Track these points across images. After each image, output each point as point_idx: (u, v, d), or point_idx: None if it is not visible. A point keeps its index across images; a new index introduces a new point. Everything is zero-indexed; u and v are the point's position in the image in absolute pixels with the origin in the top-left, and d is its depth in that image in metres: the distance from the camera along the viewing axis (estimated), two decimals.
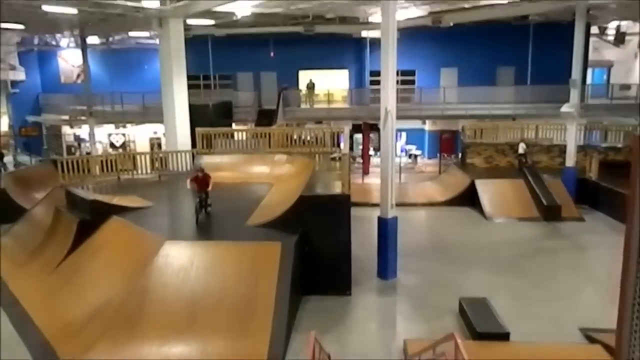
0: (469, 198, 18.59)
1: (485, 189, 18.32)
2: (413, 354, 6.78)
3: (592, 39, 27.13)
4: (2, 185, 17.19)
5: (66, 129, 31.27)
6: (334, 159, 16.92)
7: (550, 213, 16.80)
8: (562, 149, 19.71)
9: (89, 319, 8.87)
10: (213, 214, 11.86)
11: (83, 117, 27.79)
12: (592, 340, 8.73)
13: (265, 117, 24.83)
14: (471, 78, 26.34)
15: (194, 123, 18.15)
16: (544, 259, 13.50)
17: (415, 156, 29.20)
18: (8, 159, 28.94)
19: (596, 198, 17.95)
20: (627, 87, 26.21)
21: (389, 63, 11.13)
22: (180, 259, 9.72)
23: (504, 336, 8.69)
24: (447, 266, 12.91)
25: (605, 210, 17.25)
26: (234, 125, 24.90)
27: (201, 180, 11.77)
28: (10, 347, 8.81)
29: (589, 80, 27.70)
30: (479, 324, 9.05)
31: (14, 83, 32.25)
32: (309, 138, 18.51)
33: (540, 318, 9.84)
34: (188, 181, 11.94)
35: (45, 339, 8.89)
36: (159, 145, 29.01)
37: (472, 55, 27.08)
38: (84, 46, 27.44)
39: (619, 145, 20.80)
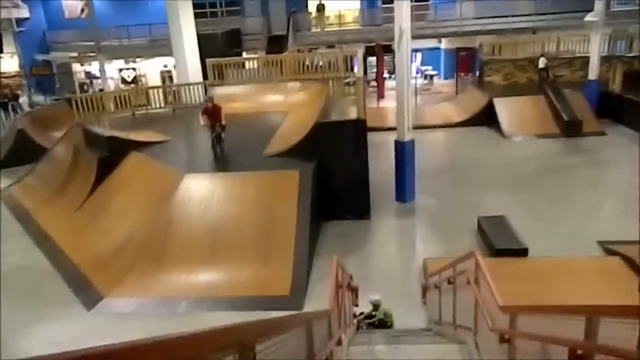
0: (487, 117, 18.25)
1: (504, 107, 17.93)
2: (433, 272, 6.95)
3: None
4: (21, 125, 17.39)
5: (76, 67, 30.91)
6: (347, 83, 16.57)
7: (570, 128, 16.48)
8: (585, 62, 18.91)
9: (117, 252, 9.25)
10: (230, 146, 11.87)
11: (92, 54, 27.32)
12: (610, 252, 8.82)
13: (276, 44, 24.10)
14: None
15: (203, 54, 17.75)
16: (563, 175, 13.40)
17: (432, 77, 28.42)
18: (23, 99, 29.07)
19: (619, 111, 17.47)
20: None
21: None
22: (200, 191, 9.89)
23: (522, 252, 8.84)
24: (465, 187, 12.93)
25: (628, 123, 16.83)
26: (244, 54, 24.31)
27: (212, 112, 11.15)
28: (47, 278, 9.31)
29: None
30: (498, 241, 9.18)
31: (19, 21, 31.55)
32: (321, 63, 18.06)
33: (559, 234, 9.91)
34: (200, 116, 11.36)
35: (81, 271, 9.34)
36: (170, 78, 28.65)
37: None
38: None
39: None
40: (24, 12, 31.76)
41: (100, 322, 7.90)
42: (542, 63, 19.32)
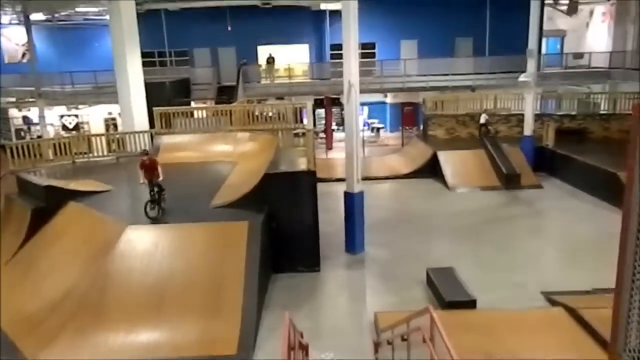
0: (432, 169, 18.85)
1: (448, 160, 18.60)
2: (385, 327, 6.82)
3: (546, 9, 27.55)
4: None
5: (14, 112, 29.64)
6: (297, 134, 16.71)
7: (510, 181, 17.23)
8: (520, 118, 20.11)
9: (50, 310, 8.54)
10: (177, 196, 11.50)
11: (31, 99, 26.37)
12: (554, 303, 9.04)
13: (225, 94, 24.20)
14: (431, 50, 26.38)
15: (150, 102, 17.47)
16: (505, 225, 13.88)
17: (378, 129, 29.29)
18: None
19: (553, 165, 18.52)
20: (579, 55, 26.88)
21: (351, 35, 10.96)
22: (144, 243, 9.44)
23: (471, 304, 8.90)
24: (413, 237, 13.09)
25: (561, 176, 17.84)
26: (192, 103, 24.20)
27: (148, 167, 10.11)
28: None
29: (544, 50, 28.27)
30: (447, 293, 9.22)
31: None
32: (270, 114, 18.21)
33: (505, 284, 10.14)
34: (139, 171, 10.30)
35: (5, 333, 8.52)
36: (115, 126, 27.96)
37: (431, 26, 27.07)
38: (27, 23, 25.85)
39: (573, 113, 21.44)
40: None
41: None
42: (483, 119, 20.36)
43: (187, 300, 8.61)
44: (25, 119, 29.71)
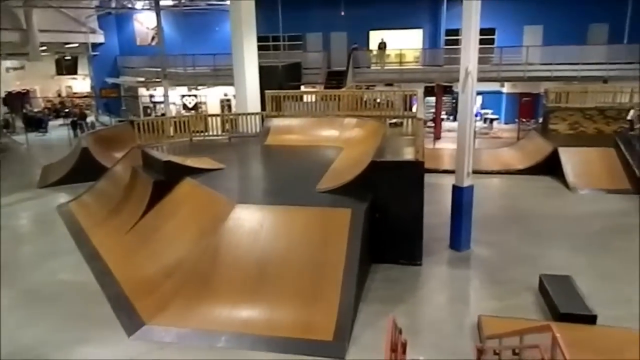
0: (550, 167, 17.37)
1: (570, 158, 17.01)
2: (491, 334, 6.36)
3: None
4: (85, 144, 18.11)
5: (142, 91, 32.37)
6: (394, 124, 16.30)
7: None
8: None
9: (163, 278, 9.16)
10: (283, 178, 11.73)
11: (158, 79, 28.56)
12: None
13: (335, 79, 24.31)
14: (558, 37, 24.21)
15: (263, 85, 18.04)
16: (634, 235, 12.36)
17: (492, 120, 27.67)
18: (90, 119, 30.59)
19: None
20: None
21: (472, 19, 10.26)
22: (250, 222, 9.74)
23: (591, 319, 8.03)
24: (525, 239, 12.15)
25: None
26: (303, 87, 24.63)
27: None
28: (93, 299, 9.34)
29: None
30: (562, 304, 8.41)
31: (94, 46, 33.64)
32: (379, 101, 17.92)
33: (630, 300, 9.00)
34: None
35: (125, 293, 9.32)
36: (229, 107, 29.39)
37: (560, 10, 24.82)
38: (157, 9, 27.89)
39: None
40: (100, 38, 33.79)
41: (139, 350, 7.76)
42: (631, 115, 18.37)
43: (287, 282, 8.74)
44: (152, 97, 32.30)
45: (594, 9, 24.40)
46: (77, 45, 33.18)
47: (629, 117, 18.41)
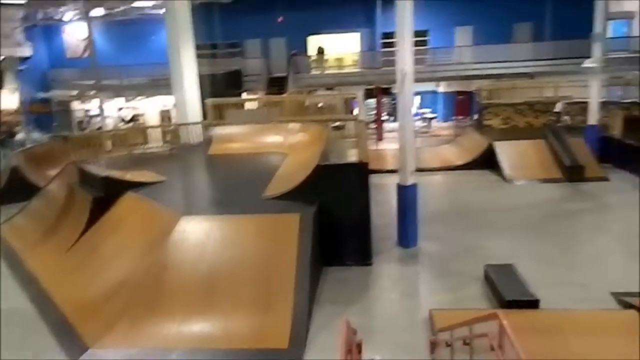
0: (487, 161, 18.14)
1: (505, 151, 17.83)
2: (443, 327, 6.51)
3: None
4: (15, 162, 17.11)
5: (75, 105, 30.99)
6: (336, 127, 16.52)
7: (573, 173, 16.31)
8: (583, 107, 18.98)
9: (108, 298, 8.76)
10: (228, 187, 11.57)
11: (92, 92, 27.44)
12: (625, 305, 8.41)
13: (276, 85, 24.28)
14: (487, 36, 25.38)
15: (203, 93, 17.74)
16: (569, 221, 13.11)
17: (430, 119, 28.54)
18: (20, 136, 28.93)
19: (620, 156, 17.36)
20: None
21: (406, 21, 10.54)
22: (196, 234, 9.50)
23: (534, 303, 8.40)
24: (469, 232, 12.58)
25: (630, 168, 16.69)
26: (244, 95, 24.43)
27: None
28: (29, 324, 8.79)
29: (609, 34, 26.55)
30: (507, 291, 8.74)
31: (21, 59, 31.84)
32: (321, 105, 18.06)
33: (569, 283, 9.52)
34: None
35: (65, 317, 8.83)
36: (169, 118, 28.67)
37: (487, 12, 25.99)
38: (88, 19, 26.82)
39: None
40: (27, 51, 32.03)
41: None
42: (558, 107, 19.42)
43: (239, 292, 8.59)
44: (86, 111, 30.97)
45: (518, 9, 25.71)
46: (1, 58, 31.29)
47: (556, 110, 19.50)
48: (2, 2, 23.23)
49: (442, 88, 29.20)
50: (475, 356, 4.54)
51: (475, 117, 23.69)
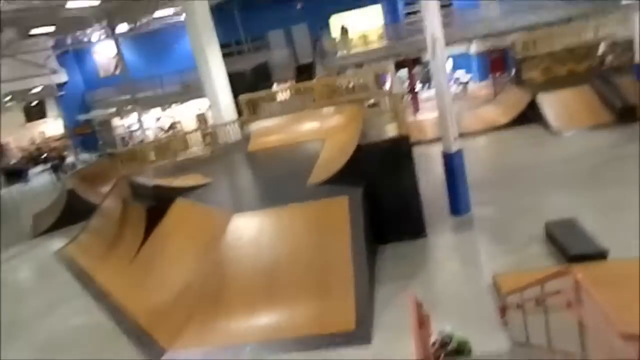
0: (532, 115, 17.48)
1: (549, 103, 17.14)
2: (511, 289, 6.37)
3: None
4: (70, 185, 17.87)
5: (116, 121, 31.99)
6: (371, 105, 16.26)
7: (625, 115, 15.49)
8: (628, 45, 17.91)
9: (175, 302, 9.09)
10: (274, 179, 11.67)
11: (129, 107, 28.25)
12: None
13: (304, 72, 24.21)
14: None
15: (234, 91, 17.88)
16: (627, 166, 12.44)
17: (465, 82, 27.73)
18: (70, 159, 30.21)
19: None
20: None
21: None
22: (250, 229, 9.69)
23: (602, 255, 8.11)
24: (522, 191, 12.21)
25: None
26: (274, 86, 24.48)
27: None
28: (107, 335, 9.24)
29: None
30: (571, 246, 8.49)
31: (59, 85, 33.10)
32: (352, 85, 17.85)
33: (637, 231, 9.08)
34: None
35: (140, 324, 9.22)
36: (206, 120, 29.15)
37: None
38: (115, 36, 27.51)
39: None
40: (62, 77, 33.23)
41: None
42: (601, 49, 18.47)
43: (299, 281, 8.71)
44: (127, 126, 31.90)
45: None
46: (41, 88, 32.66)
47: (599, 53, 18.53)
48: (32, 33, 24.10)
49: (474, 48, 28.27)
50: (550, 315, 4.41)
51: (513, 72, 22.83)
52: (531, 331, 5.34)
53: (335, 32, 27.05)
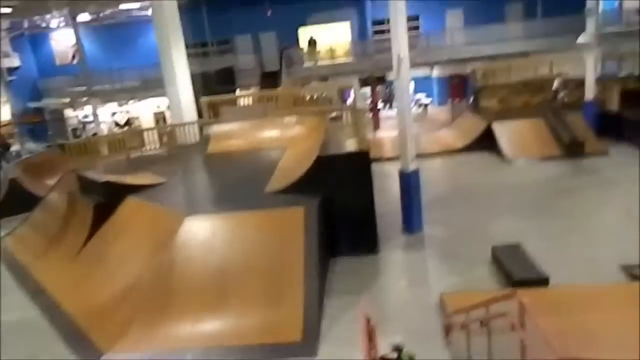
0: (486, 142, 18.13)
1: (503, 131, 17.81)
2: (458, 309, 6.50)
3: None
4: (13, 175, 17.00)
5: (69, 112, 30.77)
6: (333, 118, 16.42)
7: (573, 149, 16.30)
8: (580, 83, 18.92)
9: (118, 303, 8.74)
10: (230, 184, 11.50)
11: (84, 98, 27.25)
12: (635, 277, 8.42)
13: (269, 80, 24.14)
14: (478, 18, 25.21)
15: (197, 92, 17.60)
16: (572, 197, 13.11)
17: (426, 105, 28.45)
18: (15, 148, 28.76)
19: (619, 130, 17.35)
20: None
21: (399, 7, 10.46)
22: (202, 233, 9.48)
23: (543, 281, 8.42)
24: (473, 214, 12.59)
25: (629, 141, 16.68)
26: (238, 91, 24.27)
27: None
28: (41, 334, 8.77)
29: (601, 7, 26.43)
30: (515, 271, 8.78)
31: (10, 70, 31.58)
32: (316, 96, 17.96)
33: (577, 259, 9.53)
34: None
35: (77, 325, 8.80)
36: (164, 119, 28.52)
37: None
38: (75, 25, 26.56)
39: (638, 73, 19.95)
40: (15, 61, 31.77)
41: None
42: (556, 84, 19.37)
43: (249, 288, 8.58)
44: (80, 118, 30.77)
45: None
46: None
47: (554, 87, 19.44)
48: None
49: (436, 72, 29.09)
50: (494, 337, 4.51)
51: (471, 99, 23.61)
52: (474, 351, 5.45)
53: (303, 43, 27.20)
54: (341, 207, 10.48)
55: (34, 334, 8.94)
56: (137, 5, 26.57)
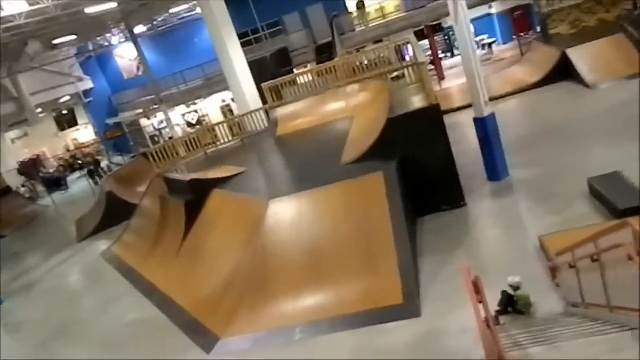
0: (563, 72, 16.86)
1: (581, 56, 16.47)
2: (561, 250, 6.21)
3: None
4: (108, 188, 18.34)
5: (144, 122, 32.55)
6: (395, 78, 15.99)
7: None
8: None
9: (223, 291, 9.27)
10: (306, 161, 11.65)
11: (155, 106, 28.66)
12: None
13: (324, 52, 23.95)
14: None
15: (256, 79, 17.88)
16: None
17: (490, 45, 26.96)
18: (105, 163, 30.97)
19: None
20: None
21: None
22: (288, 213, 9.73)
23: None
24: (560, 149, 11.84)
25: None
26: (295, 70, 24.34)
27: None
28: (162, 329, 9.51)
29: None
30: (619, 200, 8.20)
31: (86, 92, 33.88)
32: (374, 59, 17.56)
33: None
34: None
35: (192, 315, 9.46)
36: (231, 111, 29.33)
37: None
38: (134, 38, 27.83)
39: None
40: (88, 84, 33.97)
41: None
42: None
43: (343, 259, 8.73)
44: (155, 125, 32.44)
45: None
46: (69, 97, 33.52)
47: None
48: (55, 42, 24.59)
49: (495, 9, 27.42)
50: (608, 269, 4.27)
51: (539, 29, 22.05)
52: (586, 289, 5.21)
53: (352, 8, 26.64)
54: (420, 166, 10.28)
55: (157, 329, 9.72)
56: (185, 6, 27.24)
